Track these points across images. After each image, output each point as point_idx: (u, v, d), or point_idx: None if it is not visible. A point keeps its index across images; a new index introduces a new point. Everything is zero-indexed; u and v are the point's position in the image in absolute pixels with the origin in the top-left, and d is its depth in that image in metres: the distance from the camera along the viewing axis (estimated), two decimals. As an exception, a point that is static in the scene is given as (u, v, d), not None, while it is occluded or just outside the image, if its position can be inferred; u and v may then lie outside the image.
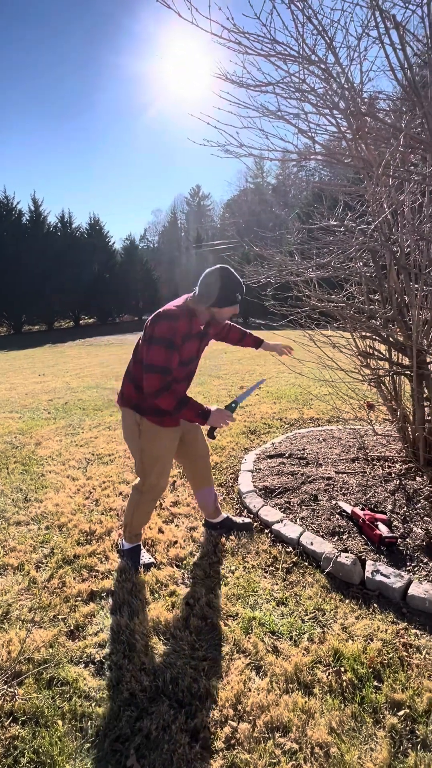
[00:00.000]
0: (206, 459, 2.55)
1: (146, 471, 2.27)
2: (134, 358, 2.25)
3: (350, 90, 2.33)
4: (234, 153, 2.72)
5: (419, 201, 2.92)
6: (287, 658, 1.72)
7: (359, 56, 2.43)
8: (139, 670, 1.70)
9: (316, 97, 2.52)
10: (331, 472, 3.13)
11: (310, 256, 3.24)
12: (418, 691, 1.55)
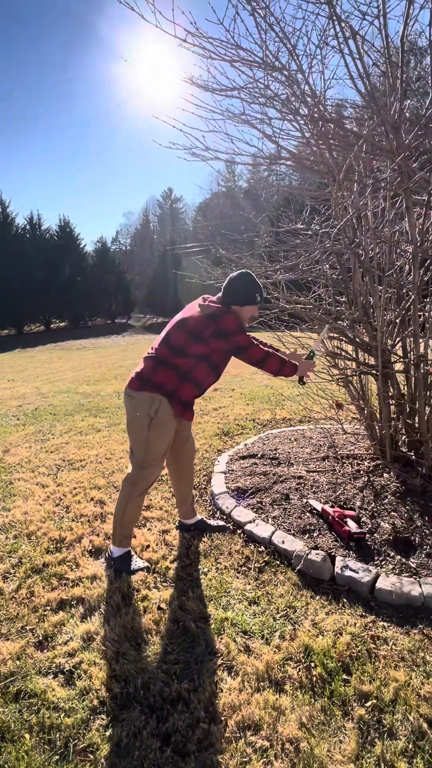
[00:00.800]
0: (193, 457, 2.65)
1: (146, 462, 2.27)
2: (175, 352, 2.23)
3: (312, 96, 2.39)
4: (201, 156, 2.74)
5: (382, 206, 3.02)
6: (259, 657, 1.73)
7: (321, 64, 2.49)
8: (110, 677, 1.67)
9: (280, 102, 2.57)
10: (302, 471, 3.18)
11: (278, 259, 3.29)
12: (385, 681, 1.59)
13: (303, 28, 2.54)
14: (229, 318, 2.19)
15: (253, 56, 2.42)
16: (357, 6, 2.03)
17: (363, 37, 2.22)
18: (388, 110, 2.30)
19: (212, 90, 2.58)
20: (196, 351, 2.22)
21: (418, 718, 1.45)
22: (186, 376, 2.25)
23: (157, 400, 2.20)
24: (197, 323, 2.20)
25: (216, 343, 2.21)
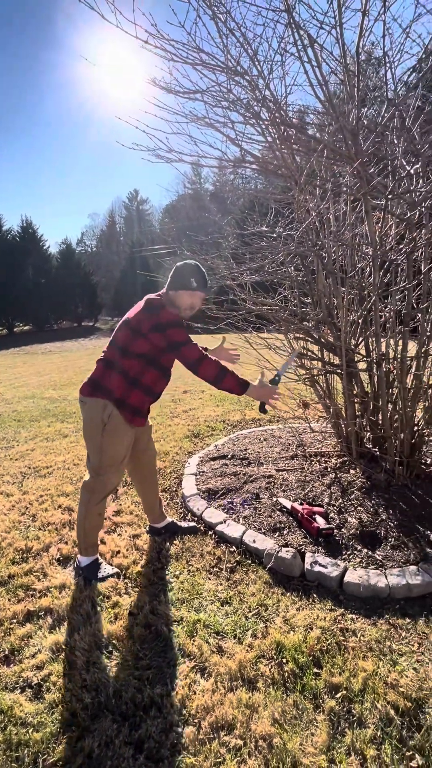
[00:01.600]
0: (155, 463, 2.61)
1: (103, 468, 2.22)
2: (120, 352, 2.18)
3: (274, 102, 2.43)
4: (165, 158, 2.73)
5: (343, 209, 3.11)
6: (231, 657, 1.74)
7: (281, 70, 2.54)
8: (81, 687, 1.63)
9: (243, 106, 2.60)
10: (272, 471, 3.22)
11: (244, 261, 3.33)
12: (354, 672, 1.63)
13: (264, 33, 2.59)
14: (166, 311, 2.12)
15: (216, 60, 2.45)
16: (314, 15, 2.08)
17: (321, 45, 2.29)
18: (347, 117, 2.37)
19: (175, 92, 2.58)
20: (139, 349, 2.14)
21: (386, 706, 1.49)
22: (135, 383, 2.19)
23: (110, 406, 2.16)
24: (137, 317, 2.15)
25: (154, 338, 2.11)
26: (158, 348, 2.14)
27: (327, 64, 2.40)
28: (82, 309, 33.69)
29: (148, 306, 2.13)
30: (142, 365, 2.17)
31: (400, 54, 2.42)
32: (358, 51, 2.05)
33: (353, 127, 2.25)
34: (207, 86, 2.56)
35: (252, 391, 2.17)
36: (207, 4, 2.21)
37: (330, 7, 2.17)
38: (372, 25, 2.30)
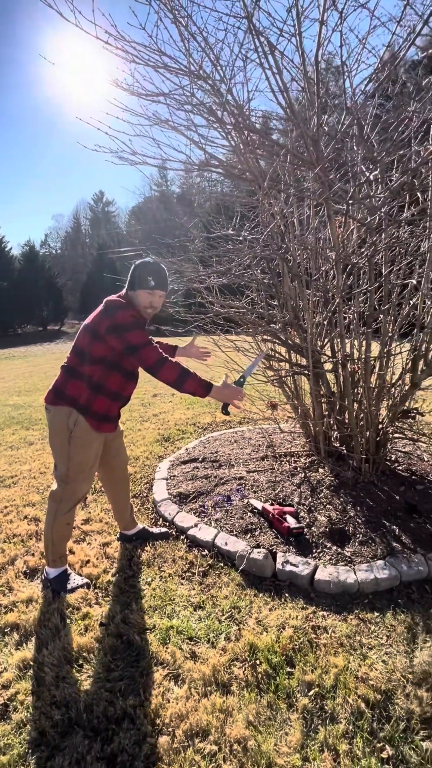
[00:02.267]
0: (126, 469, 2.56)
1: (70, 477, 2.15)
2: (80, 357, 2.12)
3: (236, 107, 2.45)
4: (129, 160, 2.70)
5: (307, 213, 3.17)
6: (205, 662, 1.73)
7: (244, 76, 2.57)
8: (50, 704, 1.58)
9: (207, 110, 2.61)
10: (243, 472, 3.24)
11: (210, 264, 3.33)
12: (326, 668, 1.66)
13: (226, 39, 2.61)
14: (123, 312, 2.03)
15: (178, 63, 2.44)
16: (273, 22, 2.12)
17: (282, 52, 2.33)
18: (308, 124, 2.42)
19: (138, 94, 2.56)
20: (98, 352, 2.08)
21: (357, 700, 1.52)
22: (99, 389, 2.13)
23: (75, 414, 2.10)
24: (95, 319, 2.09)
25: (111, 341, 2.03)
26: (117, 351, 2.07)
27: (288, 71, 2.45)
28: (48, 312, 32.84)
29: (106, 308, 2.06)
30: (104, 370, 2.11)
31: (358, 64, 2.50)
32: (317, 60, 2.10)
33: (314, 133, 2.30)
34: (170, 89, 2.55)
35: (216, 393, 2.08)
36: (168, 7, 2.20)
37: (289, 15, 2.22)
38: (330, 35, 2.35)
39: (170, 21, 2.33)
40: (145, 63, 2.36)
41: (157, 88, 2.52)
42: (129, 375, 2.22)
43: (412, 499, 2.72)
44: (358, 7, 2.20)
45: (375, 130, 2.76)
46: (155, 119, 2.58)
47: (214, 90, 2.47)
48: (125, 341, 2.01)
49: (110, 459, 2.42)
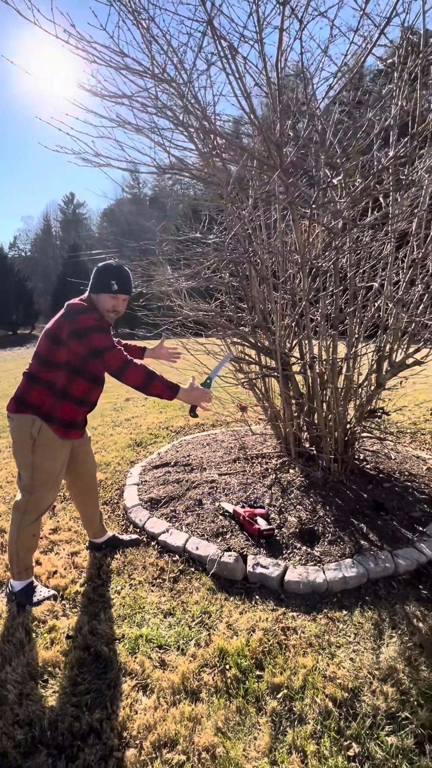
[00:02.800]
0: (95, 475, 2.51)
1: (35, 487, 2.08)
2: (42, 363, 2.06)
3: (201, 110, 2.45)
4: (93, 162, 2.66)
5: (274, 217, 3.20)
6: (174, 669, 1.70)
7: (208, 80, 2.57)
8: (12, 724, 1.52)
9: (172, 113, 2.60)
10: (215, 475, 3.23)
11: (179, 267, 3.32)
12: (295, 669, 1.66)
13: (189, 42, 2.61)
14: (85, 315, 1.98)
15: (141, 66, 2.43)
16: (235, 27, 2.13)
17: (245, 57, 2.34)
18: (272, 129, 2.45)
19: (101, 95, 2.52)
20: (60, 358, 2.02)
21: (324, 699, 1.53)
22: (63, 395, 2.07)
23: (38, 421, 2.04)
24: (56, 324, 2.04)
25: (74, 345, 1.98)
26: (80, 356, 2.02)
27: (251, 76, 2.47)
28: (18, 316, 32.03)
29: (68, 312, 2.02)
30: (67, 376, 2.06)
31: (320, 71, 2.56)
32: (277, 66, 2.13)
33: (277, 138, 2.33)
34: (133, 91, 2.53)
35: (183, 395, 2.05)
36: (128, 9, 2.18)
37: (250, 20, 2.24)
38: (292, 42, 2.40)
39: (132, 23, 2.32)
40: (107, 64, 2.33)
41: (119, 90, 2.49)
42: (94, 380, 2.17)
43: (379, 497, 2.78)
44: (317, 15, 2.24)
45: (337, 137, 2.82)
46: (119, 121, 2.55)
47: (178, 93, 2.47)
48: (88, 345, 1.96)
49: (78, 466, 2.36)
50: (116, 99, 2.53)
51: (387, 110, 2.62)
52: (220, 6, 2.20)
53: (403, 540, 2.42)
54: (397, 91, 2.57)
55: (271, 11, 2.25)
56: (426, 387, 5.93)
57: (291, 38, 2.36)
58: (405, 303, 2.86)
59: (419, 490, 2.94)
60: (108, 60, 2.31)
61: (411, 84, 2.59)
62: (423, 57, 2.52)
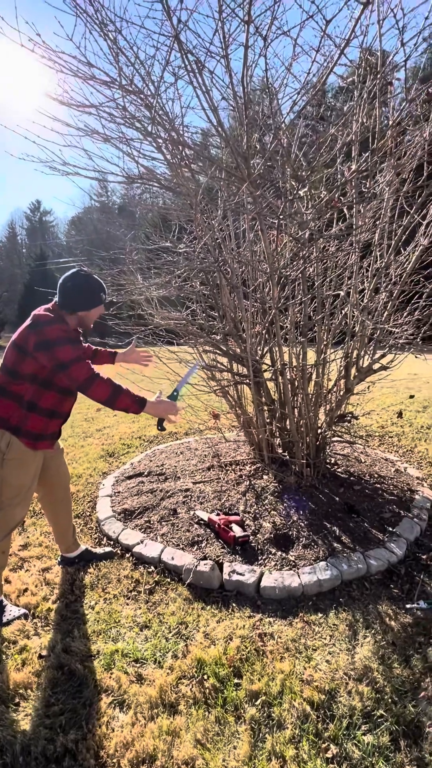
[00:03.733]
0: (68, 488, 2.45)
1: (4, 502, 2.02)
2: (10, 375, 1.98)
3: (169, 122, 2.48)
4: (60, 171, 2.64)
5: (243, 227, 3.26)
6: (152, 683, 1.68)
7: (176, 92, 2.60)
8: (-18, 752, 1.46)
9: (140, 124, 2.61)
10: (189, 484, 3.22)
11: (150, 276, 3.32)
12: (272, 675, 1.67)
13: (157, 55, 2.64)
14: (51, 327, 1.92)
15: (108, 77, 2.43)
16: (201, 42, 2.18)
17: (212, 71, 2.39)
18: (239, 141, 2.50)
19: (68, 104, 2.51)
20: (28, 369, 1.96)
21: (302, 703, 1.55)
22: (32, 407, 2.01)
23: (7, 435, 1.98)
24: (22, 334, 1.97)
25: (40, 357, 1.92)
26: (47, 368, 1.96)
27: (218, 90, 2.52)
28: (-18, 326, 31.02)
29: (34, 322, 1.96)
30: (36, 388, 2.00)
31: (284, 87, 2.64)
32: (243, 81, 2.19)
33: (245, 151, 2.38)
34: (101, 101, 2.53)
35: (150, 408, 2.03)
36: (94, 21, 2.19)
37: (216, 36, 2.29)
38: (257, 59, 2.46)
39: (99, 34, 2.33)
40: (74, 74, 2.33)
41: (87, 100, 2.49)
42: (65, 392, 2.11)
43: (350, 500, 2.84)
44: (281, 34, 2.32)
45: (302, 150, 2.91)
46: (87, 130, 2.54)
47: (145, 105, 2.49)
48: (54, 358, 1.91)
49: (50, 479, 2.30)
50: (84, 108, 2.53)
51: (349, 126, 2.73)
52: (187, 21, 2.24)
53: (374, 541, 2.48)
54: (358, 109, 2.68)
55: (236, 29, 2.31)
56: (392, 391, 6.15)
57: (256, 55, 2.42)
58: (370, 310, 2.96)
59: (388, 492, 3.03)
60: (75, 70, 2.30)
61: (370, 102, 2.71)
62: (381, 77, 2.65)
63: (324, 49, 2.34)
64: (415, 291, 3.01)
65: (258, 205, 2.50)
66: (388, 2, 2.24)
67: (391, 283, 2.93)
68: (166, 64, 2.11)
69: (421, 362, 3.21)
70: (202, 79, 2.16)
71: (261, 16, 2.08)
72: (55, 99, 2.52)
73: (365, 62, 2.74)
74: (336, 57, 2.19)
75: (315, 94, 2.47)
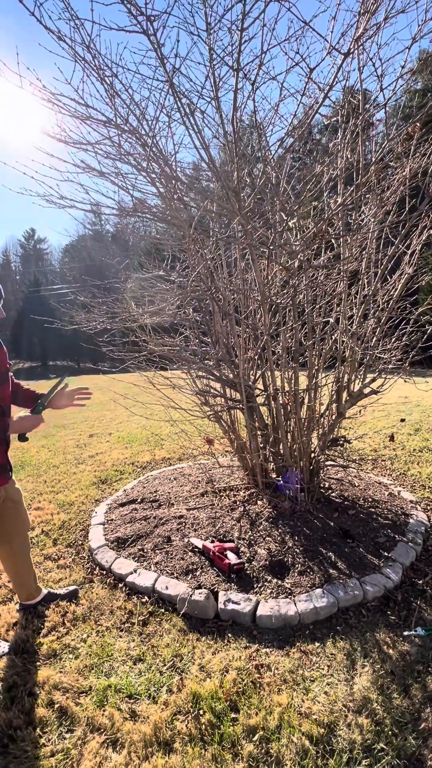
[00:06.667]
0: (26, 534, 2.26)
1: None
2: None
3: (163, 159, 2.59)
4: (57, 204, 2.72)
5: (235, 256, 3.36)
6: (146, 720, 1.62)
7: (169, 131, 2.73)
8: (-33, 798, 1.39)
9: (135, 160, 2.73)
10: (183, 510, 3.19)
11: (143, 304, 3.39)
12: (270, 709, 1.63)
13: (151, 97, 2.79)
14: None
15: (105, 117, 2.55)
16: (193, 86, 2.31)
17: (203, 112, 2.53)
18: (230, 176, 2.62)
19: (65, 142, 2.62)
20: None
21: (301, 737, 1.51)
22: None
23: None
24: None
25: None
26: None
27: (209, 128, 2.66)
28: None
29: None
30: None
31: (272, 126, 2.78)
32: (233, 122, 2.31)
33: (235, 185, 2.49)
34: (97, 139, 2.65)
35: (15, 428, 2.03)
36: (92, 66, 2.32)
37: (207, 81, 2.43)
38: (245, 101, 2.61)
39: (96, 78, 2.46)
40: (72, 115, 2.44)
41: (84, 138, 2.60)
42: None
43: (345, 525, 2.83)
44: (269, 79, 2.48)
45: (290, 184, 3.05)
46: (83, 166, 2.64)
47: (140, 143, 2.60)
48: None
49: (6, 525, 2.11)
50: (81, 146, 2.64)
51: (334, 162, 2.87)
52: (179, 67, 2.38)
53: (370, 566, 2.46)
54: (343, 146, 2.83)
55: (226, 74, 2.46)
56: (383, 414, 6.20)
57: (245, 97, 2.57)
58: (359, 336, 3.03)
59: (383, 516, 3.03)
60: (73, 111, 2.42)
61: (354, 140, 2.86)
62: (363, 117, 2.82)
63: (309, 92, 2.51)
64: (402, 317, 3.10)
65: (249, 236, 2.60)
66: (368, 52, 2.40)
67: (378, 310, 3.02)
68: (161, 107, 2.22)
69: (410, 385, 3.27)
70: (194, 120, 2.28)
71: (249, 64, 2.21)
72: (54, 137, 2.63)
73: (348, 104, 2.91)
74: (321, 99, 2.33)
75: (301, 132, 2.60)
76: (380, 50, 2.38)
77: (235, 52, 2.14)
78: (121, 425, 7.26)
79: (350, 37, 2.17)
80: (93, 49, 2.32)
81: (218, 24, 2.25)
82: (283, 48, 2.28)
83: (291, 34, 2.25)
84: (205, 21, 2.20)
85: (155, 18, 2.10)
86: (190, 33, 2.23)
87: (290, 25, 2.37)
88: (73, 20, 2.16)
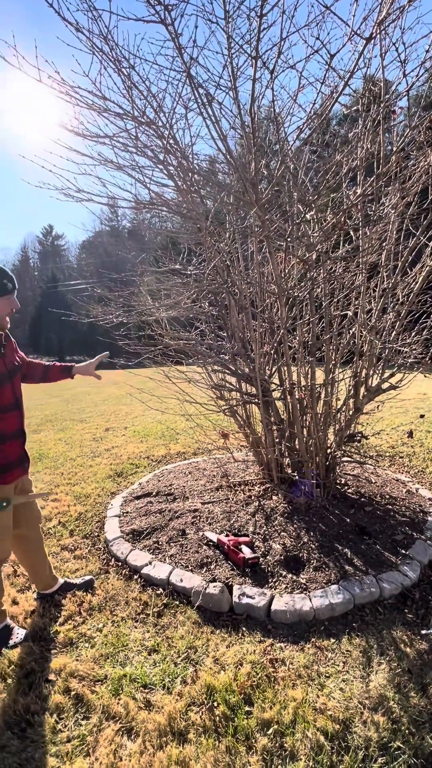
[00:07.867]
0: (38, 527, 2.31)
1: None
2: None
3: (180, 151, 2.58)
4: (75, 197, 2.74)
5: (251, 249, 3.33)
6: (160, 710, 1.64)
7: (186, 122, 2.71)
8: (-14, 780, 1.42)
9: (152, 152, 2.72)
10: (198, 504, 3.19)
11: (159, 298, 3.39)
12: (284, 703, 1.62)
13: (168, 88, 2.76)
14: None
15: (122, 109, 2.55)
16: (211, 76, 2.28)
17: (221, 103, 2.50)
18: (247, 168, 2.58)
19: (83, 135, 2.63)
20: None
21: (316, 733, 1.49)
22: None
23: None
24: None
25: None
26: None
27: (227, 120, 2.63)
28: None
29: None
30: None
31: (290, 116, 2.74)
32: (251, 112, 2.28)
33: (253, 177, 2.46)
34: (114, 132, 2.65)
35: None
36: (110, 58, 2.31)
37: (225, 71, 2.40)
38: (264, 91, 2.57)
39: (113, 70, 2.45)
40: (90, 107, 2.44)
41: (100, 130, 2.60)
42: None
43: (361, 521, 2.79)
44: (287, 68, 2.43)
45: (308, 175, 3.00)
46: (100, 159, 2.64)
47: (157, 134, 2.59)
48: None
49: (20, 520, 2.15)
50: (98, 139, 2.64)
51: (354, 152, 2.81)
52: (197, 57, 2.36)
53: (387, 564, 2.42)
54: (363, 135, 2.76)
55: (245, 63, 2.42)
56: (402, 411, 6.09)
57: (263, 87, 2.53)
58: (378, 330, 2.98)
59: (400, 513, 2.98)
60: (90, 103, 2.42)
61: (374, 129, 2.80)
62: (384, 106, 2.74)
63: (329, 80, 2.45)
64: (423, 311, 3.03)
65: (266, 228, 2.56)
66: (390, 37, 2.33)
67: (398, 303, 2.96)
68: (179, 98, 2.20)
69: (429, 381, 3.20)
70: (211, 110, 2.25)
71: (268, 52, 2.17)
72: (71, 130, 2.63)
73: (369, 92, 2.84)
74: (341, 87, 2.27)
75: (321, 122, 2.55)
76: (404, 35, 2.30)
77: (253, 40, 2.11)
78: (137, 419, 7.31)
79: (373, 21, 2.10)
80: (110, 41, 2.31)
81: (236, 11, 2.21)
82: (302, 35, 2.23)
83: (311, 20, 2.20)
84: (224, 8, 2.17)
85: (173, 7, 2.08)
86: (208, 21, 2.19)
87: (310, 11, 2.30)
88: (91, 11, 2.16)
